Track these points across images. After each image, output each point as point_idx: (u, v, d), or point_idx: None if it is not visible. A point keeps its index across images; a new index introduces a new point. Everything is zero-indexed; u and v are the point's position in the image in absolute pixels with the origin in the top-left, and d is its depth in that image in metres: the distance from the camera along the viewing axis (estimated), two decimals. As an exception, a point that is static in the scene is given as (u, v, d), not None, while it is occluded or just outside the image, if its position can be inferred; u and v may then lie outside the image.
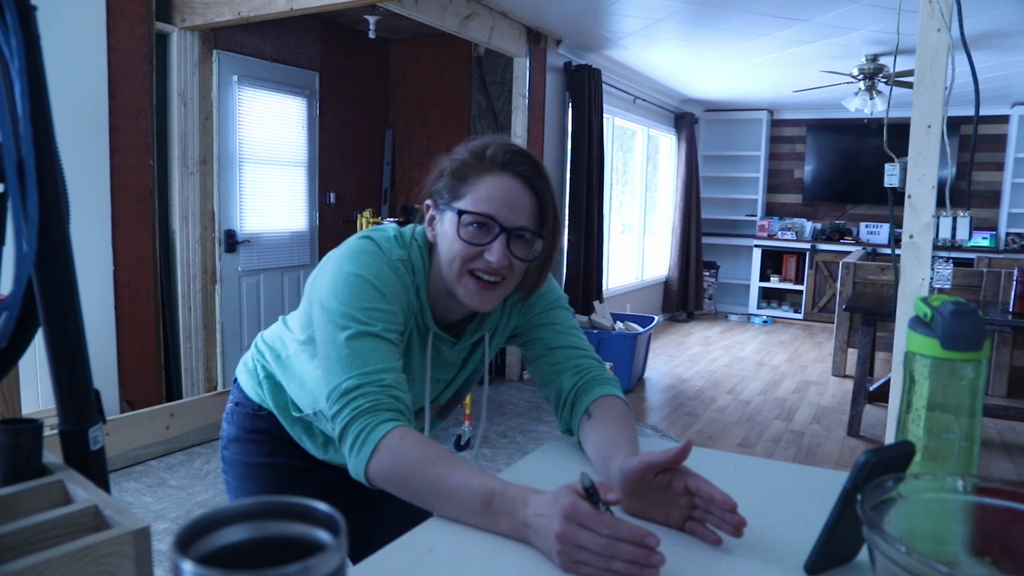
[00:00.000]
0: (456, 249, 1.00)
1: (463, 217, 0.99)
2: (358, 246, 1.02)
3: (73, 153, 3.23)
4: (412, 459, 0.87)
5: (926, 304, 0.70)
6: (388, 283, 1.00)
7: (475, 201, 0.99)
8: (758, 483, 0.97)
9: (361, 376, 0.93)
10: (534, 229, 1.01)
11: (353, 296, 0.97)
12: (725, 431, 4.18)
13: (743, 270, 8.39)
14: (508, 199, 0.99)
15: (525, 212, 1.00)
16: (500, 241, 0.99)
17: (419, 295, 1.06)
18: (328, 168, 5.08)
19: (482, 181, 1.00)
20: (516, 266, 1.02)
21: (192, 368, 4.09)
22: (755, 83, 6.60)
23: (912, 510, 0.60)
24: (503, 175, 1.00)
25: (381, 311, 0.97)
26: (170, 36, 3.82)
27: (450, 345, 1.13)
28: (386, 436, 0.89)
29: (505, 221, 0.99)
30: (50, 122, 0.57)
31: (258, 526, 0.38)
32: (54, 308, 0.59)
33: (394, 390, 0.94)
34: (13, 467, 0.55)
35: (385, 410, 0.91)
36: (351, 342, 0.94)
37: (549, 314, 1.16)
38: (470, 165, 1.01)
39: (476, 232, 0.99)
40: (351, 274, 0.98)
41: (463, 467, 0.86)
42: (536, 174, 1.01)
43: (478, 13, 4.19)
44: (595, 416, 1.04)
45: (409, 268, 1.04)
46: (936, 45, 2.04)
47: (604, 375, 1.11)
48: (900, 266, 2.18)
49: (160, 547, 2.48)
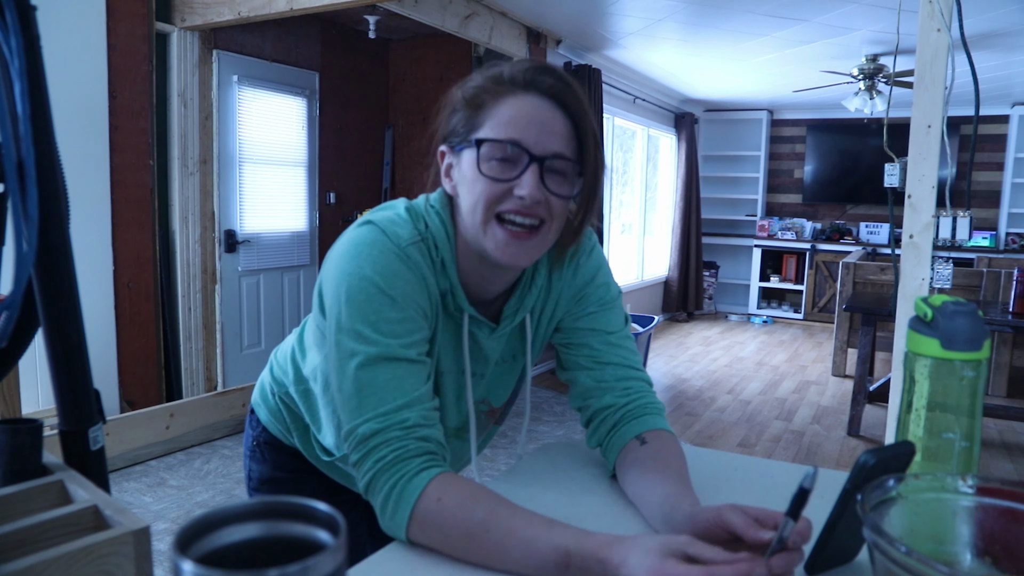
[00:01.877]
0: (479, 190, 0.83)
1: (483, 148, 0.82)
2: (358, 237, 0.85)
3: (73, 153, 3.23)
4: (458, 526, 0.73)
5: (926, 304, 0.70)
6: (399, 281, 0.83)
7: (496, 126, 0.82)
8: (758, 483, 0.97)
9: (380, 419, 0.79)
10: (571, 157, 0.84)
11: (358, 308, 0.81)
12: (725, 431, 4.18)
13: (743, 270, 8.39)
14: (536, 120, 0.82)
15: (558, 136, 0.83)
16: (532, 172, 0.81)
17: (446, 271, 0.88)
18: (328, 168, 5.08)
19: (503, 103, 0.83)
20: (555, 206, 0.83)
21: (192, 368, 4.10)
22: (755, 83, 6.60)
23: (912, 510, 0.60)
24: (527, 95, 0.83)
25: (394, 322, 0.81)
26: (170, 36, 3.82)
27: (488, 331, 0.95)
28: (421, 498, 0.75)
29: (534, 147, 0.81)
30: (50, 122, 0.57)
31: (258, 526, 0.38)
32: (54, 308, 0.59)
33: (421, 429, 0.79)
34: (13, 467, 0.55)
35: (414, 457, 0.78)
36: (362, 372, 0.80)
37: (603, 317, 0.99)
38: (487, 90, 0.85)
39: (501, 165, 0.82)
40: (353, 277, 0.82)
41: (520, 522, 0.72)
42: (567, 90, 0.84)
43: (478, 13, 4.18)
44: (652, 445, 0.90)
45: (429, 245, 0.87)
46: (936, 45, 2.04)
47: (655, 403, 0.97)
48: (900, 266, 2.18)
49: (160, 547, 2.48)
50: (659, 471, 0.86)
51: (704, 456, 1.07)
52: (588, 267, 1.00)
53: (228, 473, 3.28)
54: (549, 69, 0.84)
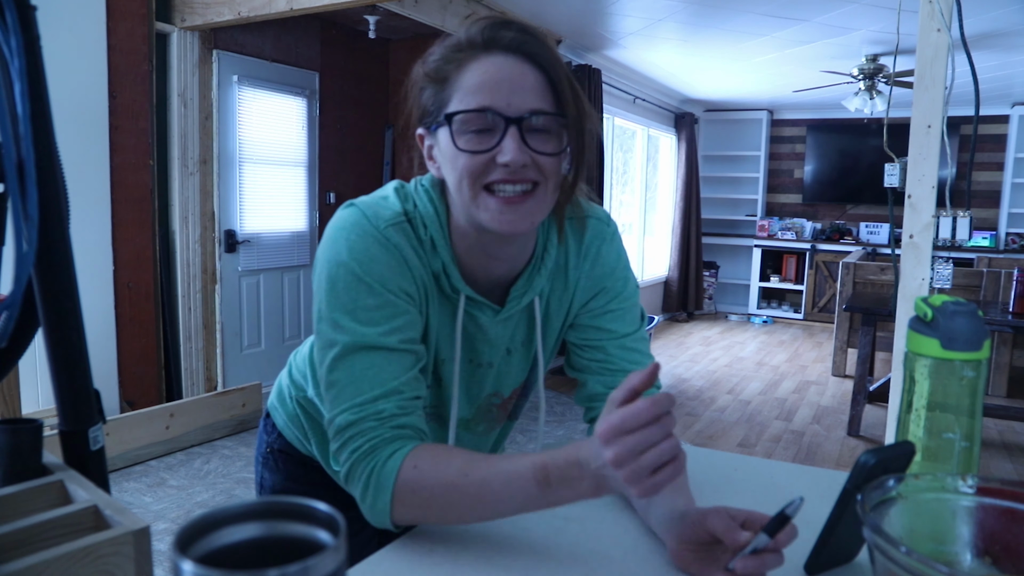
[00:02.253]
0: (460, 165, 0.78)
1: (455, 121, 0.77)
2: (339, 221, 0.83)
3: (73, 153, 3.23)
4: (438, 481, 0.74)
5: (926, 304, 0.70)
6: (376, 266, 0.80)
7: (464, 96, 0.77)
8: (758, 483, 0.97)
9: (356, 409, 0.78)
10: (550, 110, 0.77)
11: (336, 296, 0.80)
12: (725, 431, 4.18)
13: (743, 270, 8.39)
14: (504, 80, 0.76)
15: (531, 91, 0.77)
16: (511, 136, 0.76)
17: (436, 249, 0.85)
18: (328, 168, 5.08)
19: (466, 71, 0.78)
20: (545, 165, 0.78)
21: (192, 368, 4.10)
22: (755, 83, 6.60)
23: (912, 510, 0.60)
24: (489, 55, 0.77)
25: (371, 308, 0.79)
26: (170, 36, 3.82)
27: (492, 313, 0.89)
28: (399, 474, 0.75)
29: (507, 108, 0.76)
30: (50, 122, 0.57)
31: (258, 526, 0.38)
32: (54, 308, 0.59)
33: (397, 419, 0.78)
34: (13, 467, 0.55)
35: (389, 443, 0.77)
36: (340, 362, 0.79)
37: (620, 316, 0.95)
38: (448, 60, 0.80)
39: (477, 136, 0.77)
40: (331, 264, 0.80)
41: (496, 460, 0.74)
42: (531, 40, 0.78)
43: (478, 13, 4.19)
44: None
45: (417, 223, 0.84)
46: (936, 45, 2.04)
47: None
48: (900, 266, 2.18)
49: (160, 547, 2.48)
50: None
51: (704, 456, 1.07)
52: (609, 256, 0.95)
53: (228, 473, 3.28)
54: (506, 23, 0.79)
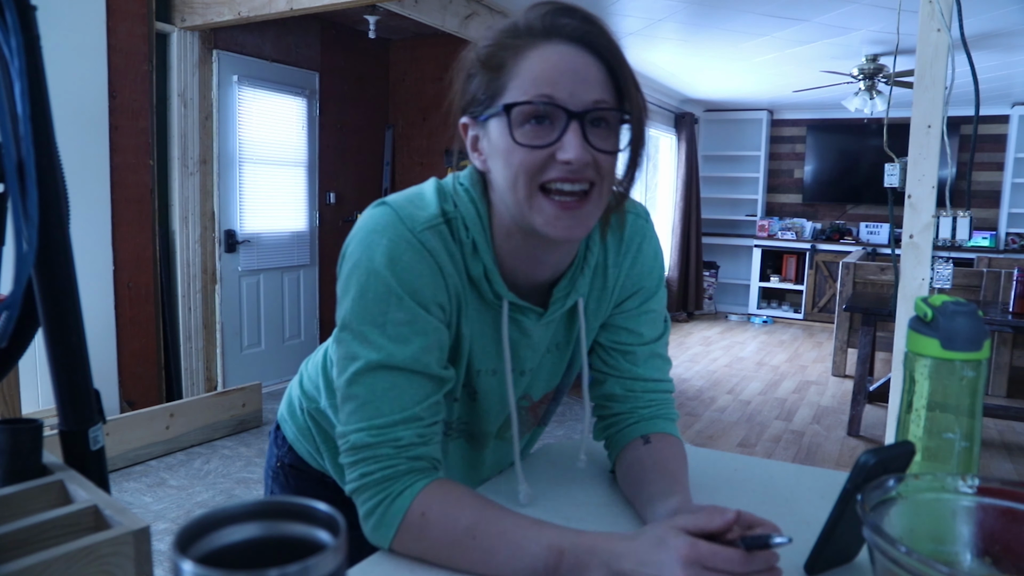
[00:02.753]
0: (515, 161, 0.72)
1: (513, 112, 0.72)
2: (371, 222, 0.77)
3: (73, 153, 3.23)
4: (443, 536, 0.71)
5: (926, 304, 0.70)
6: (409, 275, 0.75)
7: (523, 86, 0.72)
8: (758, 483, 0.97)
9: (373, 432, 0.74)
10: (612, 104, 0.73)
11: (365, 307, 0.75)
12: (725, 431, 4.18)
13: (743, 270, 8.39)
14: (567, 71, 0.71)
15: (594, 84, 0.72)
16: (573, 131, 0.71)
17: (478, 253, 0.79)
18: (328, 168, 5.08)
19: (525, 58, 0.72)
20: (603, 164, 0.73)
21: (192, 368, 4.10)
22: (755, 83, 6.60)
23: (912, 510, 0.60)
24: (550, 43, 0.72)
25: (401, 323, 0.75)
26: (170, 36, 3.82)
27: (536, 317, 0.85)
28: (406, 516, 0.72)
29: (570, 101, 0.71)
30: (50, 122, 0.57)
31: (258, 526, 0.38)
32: (54, 308, 0.59)
33: (414, 448, 0.75)
34: (13, 467, 0.55)
35: (403, 475, 0.74)
36: (362, 377, 0.75)
37: (649, 319, 0.93)
38: (504, 46, 0.74)
39: (536, 129, 0.72)
40: (362, 270, 0.75)
41: (508, 524, 0.70)
42: (594, 30, 0.73)
43: (478, 13, 4.18)
44: (655, 445, 0.89)
45: (456, 225, 0.79)
46: (936, 45, 2.04)
47: (670, 412, 0.95)
48: (900, 266, 2.18)
49: (160, 547, 2.48)
50: (656, 470, 0.85)
51: (704, 456, 1.07)
52: (648, 254, 0.92)
53: (228, 473, 3.28)
54: (569, 9, 0.74)
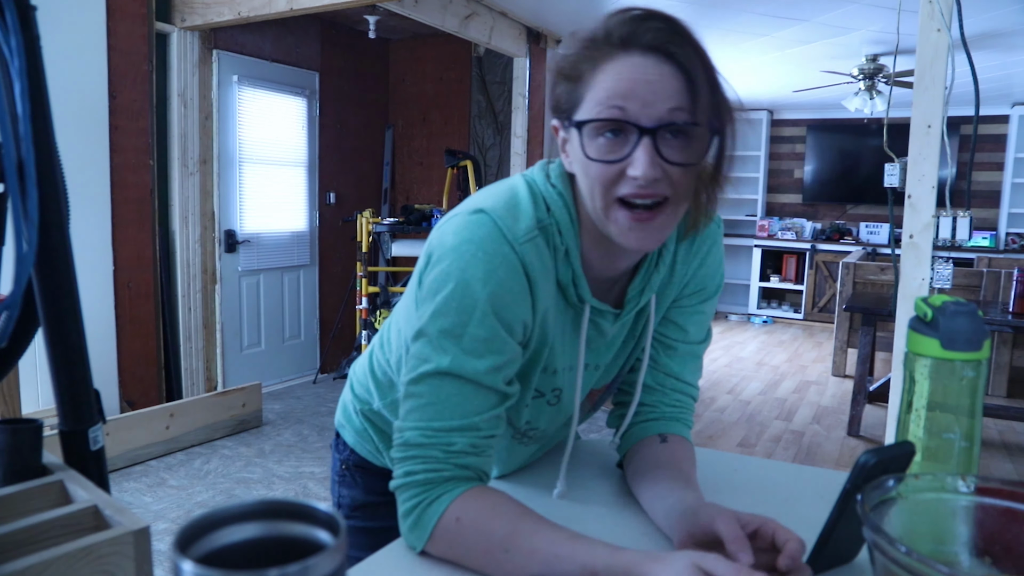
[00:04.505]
0: (592, 174, 0.73)
1: (584, 130, 0.73)
2: (467, 231, 0.76)
3: (73, 153, 3.23)
4: (476, 545, 0.71)
5: (926, 304, 0.70)
6: (503, 295, 0.75)
7: (595, 103, 0.72)
8: (758, 483, 0.97)
9: (429, 433, 0.75)
10: (687, 116, 0.71)
11: (448, 317, 0.74)
12: (725, 431, 4.18)
13: (743, 270, 8.39)
14: (640, 84, 0.70)
15: (668, 95, 0.70)
16: (644, 148, 0.70)
17: (569, 260, 0.80)
18: (328, 168, 5.08)
19: (601, 72, 0.72)
20: (677, 177, 0.72)
21: (192, 368, 4.10)
22: (755, 83, 6.60)
23: (912, 510, 0.60)
24: (626, 55, 0.71)
25: (480, 340, 0.74)
26: (170, 36, 3.82)
27: (613, 318, 0.86)
28: (440, 521, 0.73)
29: (640, 117, 0.70)
30: (50, 122, 0.57)
31: (258, 526, 0.38)
32: (54, 308, 0.59)
33: (464, 457, 0.75)
34: (13, 467, 0.55)
35: (445, 481, 0.75)
36: (428, 379, 0.75)
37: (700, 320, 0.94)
38: (583, 58, 0.74)
39: (608, 144, 0.72)
40: (453, 281, 0.74)
41: (542, 540, 0.69)
42: (675, 38, 0.71)
43: (478, 13, 4.19)
44: (671, 444, 0.91)
45: (551, 231, 0.79)
46: (936, 45, 2.04)
47: (690, 420, 0.97)
48: (900, 266, 2.18)
49: (160, 547, 2.48)
50: (670, 469, 0.86)
51: (704, 456, 1.07)
52: (716, 258, 0.93)
53: (228, 473, 3.28)
54: (650, 15, 0.72)
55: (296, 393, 4.63)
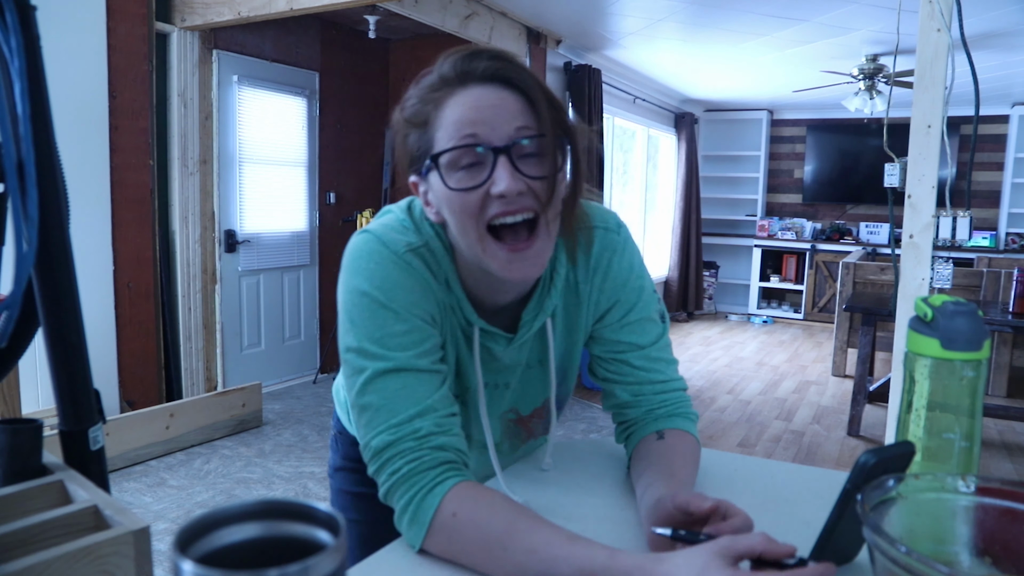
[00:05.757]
0: (456, 206, 0.76)
1: (442, 161, 0.75)
2: (355, 249, 0.82)
3: (73, 153, 3.23)
4: (474, 541, 0.71)
5: (926, 304, 0.70)
6: (400, 291, 0.79)
7: (447, 136, 0.75)
8: (758, 483, 0.97)
9: (392, 430, 0.76)
10: (535, 131, 0.75)
11: (361, 326, 0.79)
12: (725, 431, 4.18)
13: (743, 270, 8.39)
14: (483, 110, 0.74)
15: (513, 115, 0.74)
16: (501, 165, 0.73)
17: (450, 287, 0.84)
18: (328, 168, 5.08)
19: (445, 108, 0.76)
20: (539, 190, 0.75)
21: (192, 368, 4.10)
22: (755, 83, 6.60)
23: (912, 510, 0.60)
24: (465, 89, 0.75)
25: (399, 335, 0.78)
26: (170, 36, 3.82)
27: (505, 342, 0.89)
28: (437, 513, 0.73)
29: (492, 137, 0.74)
30: (50, 122, 0.57)
31: (258, 526, 0.38)
32: (54, 308, 0.59)
33: (436, 438, 0.77)
34: (13, 467, 0.55)
35: (429, 469, 0.76)
36: (371, 386, 0.78)
37: (639, 328, 0.93)
38: (426, 101, 0.78)
39: (467, 172, 0.75)
40: (353, 294, 0.80)
41: (540, 539, 0.69)
42: (505, 66, 0.76)
43: (478, 13, 4.18)
44: (668, 441, 0.90)
45: (431, 254, 0.83)
46: (936, 45, 2.04)
47: (689, 411, 0.96)
48: (900, 266, 2.18)
49: (160, 547, 2.48)
50: (658, 465, 0.85)
51: (704, 456, 1.07)
52: (620, 268, 0.93)
53: (228, 473, 3.28)
54: (478, 52, 0.77)
55: (296, 393, 4.63)
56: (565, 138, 0.78)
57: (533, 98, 0.75)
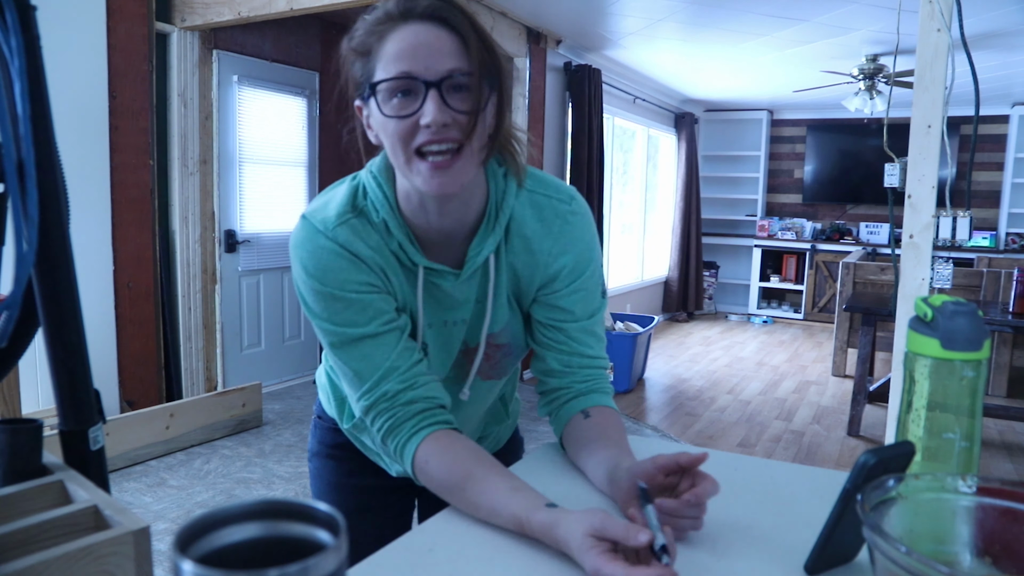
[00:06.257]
0: (389, 131, 0.83)
1: (379, 90, 0.82)
2: (294, 235, 0.91)
3: (73, 153, 3.23)
4: (441, 485, 0.86)
5: (926, 304, 0.70)
6: (332, 275, 0.88)
7: (386, 66, 0.82)
8: (758, 483, 0.97)
9: (366, 395, 0.90)
10: (467, 70, 0.81)
11: (312, 309, 0.90)
12: (725, 431, 4.18)
13: (743, 270, 8.39)
14: (421, 46, 0.80)
15: (447, 54, 0.81)
16: (431, 99, 0.80)
17: (390, 231, 0.91)
18: (328, 168, 5.08)
19: (387, 41, 0.82)
20: (464, 124, 0.82)
21: (192, 368, 4.10)
22: (755, 83, 6.60)
23: (912, 510, 0.60)
24: (407, 24, 0.82)
25: (339, 310, 0.89)
26: (170, 36, 3.82)
27: (453, 278, 0.95)
28: (414, 461, 0.88)
29: (426, 73, 0.80)
30: (50, 122, 0.57)
31: (258, 526, 0.38)
32: (54, 308, 0.59)
33: (404, 394, 0.89)
34: (13, 467, 0.55)
35: (405, 421, 0.89)
36: (340, 353, 0.90)
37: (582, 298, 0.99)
38: (370, 32, 0.84)
39: (401, 101, 0.82)
40: (298, 278, 0.90)
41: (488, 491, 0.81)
42: (445, 6, 0.82)
43: (478, 13, 4.19)
44: (594, 418, 0.98)
45: (368, 211, 0.91)
46: (936, 45, 2.04)
47: (605, 386, 1.04)
48: (900, 266, 2.18)
49: (160, 547, 2.48)
50: (599, 439, 0.94)
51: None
52: (571, 235, 0.97)
53: (228, 473, 3.28)
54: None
55: (296, 393, 4.63)
56: (493, 78, 0.85)
57: (467, 40, 0.82)
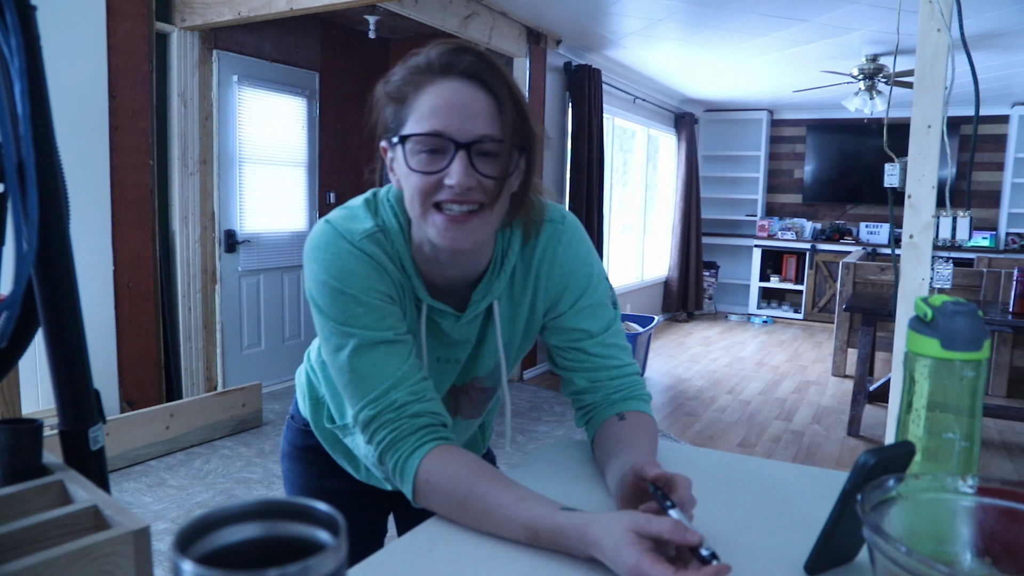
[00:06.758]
0: (412, 184, 0.83)
1: (408, 143, 0.83)
2: (315, 238, 0.89)
3: (73, 153, 3.23)
4: (445, 502, 0.82)
5: (926, 304, 0.70)
6: (355, 279, 0.86)
7: (418, 120, 0.82)
8: (758, 483, 0.97)
9: (372, 404, 0.86)
10: (499, 136, 0.82)
11: (327, 311, 0.87)
12: (725, 431, 4.18)
13: (743, 270, 8.39)
14: (457, 106, 0.81)
15: (482, 117, 0.81)
16: (459, 160, 0.80)
17: (403, 265, 0.91)
18: (328, 168, 5.08)
19: (424, 93, 0.82)
20: (489, 187, 0.82)
21: (192, 368, 4.10)
22: (755, 83, 6.60)
23: (912, 510, 0.60)
24: (445, 80, 0.82)
25: (362, 315, 0.86)
26: (170, 36, 3.82)
27: (453, 319, 0.96)
28: (415, 478, 0.84)
29: (458, 134, 0.80)
30: (50, 122, 0.57)
31: (258, 526, 0.38)
32: (54, 308, 0.59)
33: (411, 406, 0.86)
34: (13, 467, 0.55)
35: (409, 435, 0.85)
36: (348, 363, 0.87)
37: (590, 315, 0.99)
38: (408, 82, 0.84)
39: (429, 157, 0.82)
40: (315, 283, 0.88)
41: (493, 506, 0.78)
42: (486, 68, 0.82)
43: (478, 13, 4.19)
44: (629, 422, 0.96)
45: (387, 237, 0.90)
46: (936, 45, 2.04)
47: (644, 393, 1.02)
48: (900, 266, 2.18)
49: (160, 547, 2.48)
50: (624, 441, 0.92)
51: (704, 456, 1.07)
52: (566, 258, 0.98)
53: (228, 473, 3.28)
54: (466, 49, 0.83)
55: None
56: (524, 145, 0.85)
57: (503, 104, 0.82)
